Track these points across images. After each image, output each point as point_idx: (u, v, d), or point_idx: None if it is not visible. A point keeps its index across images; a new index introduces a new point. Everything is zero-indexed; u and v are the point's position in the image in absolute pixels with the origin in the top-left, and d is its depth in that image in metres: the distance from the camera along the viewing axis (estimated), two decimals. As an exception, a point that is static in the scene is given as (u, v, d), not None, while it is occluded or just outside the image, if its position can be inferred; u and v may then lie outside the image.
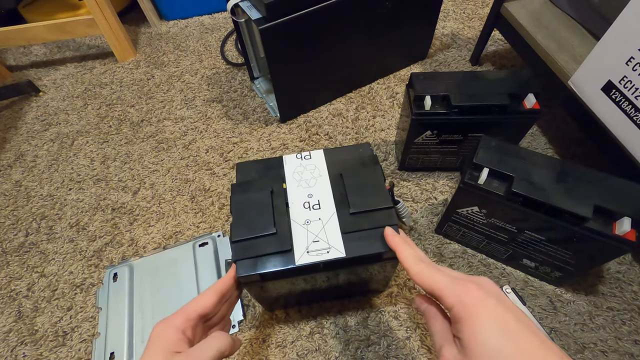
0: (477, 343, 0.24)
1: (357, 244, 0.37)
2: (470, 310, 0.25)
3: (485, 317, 0.24)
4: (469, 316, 0.25)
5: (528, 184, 0.42)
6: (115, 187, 0.70)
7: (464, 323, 0.25)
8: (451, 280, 0.27)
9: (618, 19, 0.45)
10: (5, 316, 0.56)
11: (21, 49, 1.04)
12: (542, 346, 0.23)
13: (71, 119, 0.83)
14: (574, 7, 0.64)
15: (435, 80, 0.55)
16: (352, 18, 0.65)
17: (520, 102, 0.52)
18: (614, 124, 0.49)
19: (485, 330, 0.24)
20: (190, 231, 0.63)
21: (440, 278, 0.28)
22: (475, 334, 0.24)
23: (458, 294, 0.26)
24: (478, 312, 0.25)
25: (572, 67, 0.57)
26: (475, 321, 0.25)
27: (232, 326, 0.52)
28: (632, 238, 0.39)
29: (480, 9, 0.96)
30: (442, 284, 0.27)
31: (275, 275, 0.38)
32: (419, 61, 0.85)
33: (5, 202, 0.70)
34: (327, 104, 0.79)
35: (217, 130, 0.77)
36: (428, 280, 0.28)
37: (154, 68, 0.93)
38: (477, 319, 0.25)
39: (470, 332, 0.25)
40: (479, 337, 0.24)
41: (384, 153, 0.70)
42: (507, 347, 0.23)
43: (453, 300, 0.26)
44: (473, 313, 0.25)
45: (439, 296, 0.27)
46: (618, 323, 0.49)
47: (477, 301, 0.25)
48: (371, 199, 0.40)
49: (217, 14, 1.07)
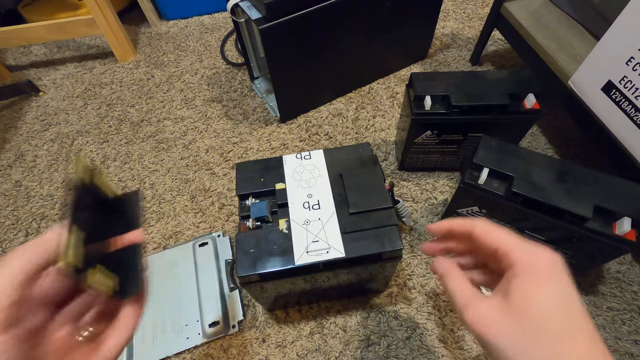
0: (531, 303, 0.22)
1: (356, 244, 0.37)
2: (538, 271, 0.23)
3: (552, 283, 0.23)
4: (533, 276, 0.23)
5: (528, 184, 0.42)
6: (115, 187, 0.70)
7: (525, 280, 0.23)
8: (522, 240, 0.25)
9: (618, 19, 0.45)
10: (5, 316, 0.56)
11: (21, 49, 1.04)
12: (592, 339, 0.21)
13: (71, 119, 0.83)
14: (574, 7, 0.64)
15: (435, 80, 0.55)
16: (352, 18, 0.65)
17: (520, 102, 0.52)
18: (614, 124, 0.49)
19: (547, 296, 0.22)
20: (190, 231, 0.62)
21: (508, 236, 0.26)
22: (535, 294, 0.23)
23: (530, 252, 0.24)
24: (545, 275, 0.23)
25: (572, 67, 0.57)
26: (539, 282, 0.23)
27: (232, 326, 0.52)
28: (632, 238, 0.39)
29: (480, 8, 0.96)
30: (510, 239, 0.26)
31: (275, 275, 0.38)
32: (419, 61, 0.85)
33: (5, 202, 0.70)
34: (327, 104, 0.79)
35: (217, 130, 0.77)
36: (496, 234, 0.27)
37: (154, 68, 0.92)
38: (543, 281, 0.23)
39: (529, 290, 0.23)
40: (537, 298, 0.22)
41: (384, 153, 0.70)
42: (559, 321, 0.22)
43: (522, 255, 0.24)
44: (540, 274, 0.23)
45: (506, 250, 0.25)
46: (618, 323, 0.49)
47: (549, 266, 0.24)
48: (371, 199, 0.40)
49: (217, 13, 1.07)
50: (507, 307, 0.23)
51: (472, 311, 0.25)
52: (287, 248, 0.38)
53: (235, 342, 0.51)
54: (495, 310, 0.24)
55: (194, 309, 0.53)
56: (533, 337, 0.22)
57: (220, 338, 0.51)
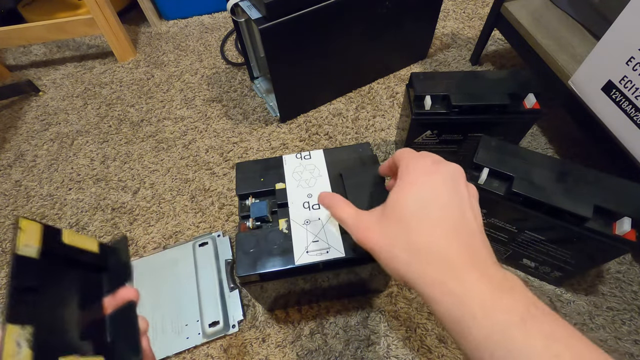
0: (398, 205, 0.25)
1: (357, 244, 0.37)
2: (409, 177, 0.26)
3: (418, 187, 0.25)
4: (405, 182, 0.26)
5: (528, 183, 0.42)
6: (115, 187, 0.70)
7: (398, 186, 0.26)
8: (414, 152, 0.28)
9: (618, 19, 0.45)
10: (5, 316, 0.56)
11: (21, 49, 1.04)
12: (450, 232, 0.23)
13: (71, 118, 0.83)
14: (574, 7, 0.64)
15: (435, 80, 0.55)
16: (352, 18, 0.65)
17: (520, 102, 0.52)
18: (614, 124, 0.49)
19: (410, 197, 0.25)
20: (190, 231, 0.62)
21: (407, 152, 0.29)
22: (402, 197, 0.25)
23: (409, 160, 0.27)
24: (413, 180, 0.26)
25: (572, 67, 0.57)
26: (406, 187, 0.26)
27: (232, 326, 0.52)
28: (632, 238, 0.39)
29: (481, 8, 0.96)
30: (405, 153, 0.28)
31: (275, 275, 0.38)
32: (419, 61, 0.85)
33: (5, 202, 0.70)
34: (327, 104, 0.79)
35: (217, 130, 0.77)
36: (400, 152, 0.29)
37: (154, 68, 0.92)
38: (410, 185, 0.25)
39: (398, 194, 0.26)
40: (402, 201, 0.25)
41: (384, 153, 0.70)
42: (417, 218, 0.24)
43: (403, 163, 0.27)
44: (409, 180, 0.26)
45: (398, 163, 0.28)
46: (618, 323, 0.49)
47: (420, 171, 0.26)
48: (371, 198, 0.40)
49: (217, 13, 1.07)
50: (382, 214, 0.26)
51: (357, 225, 0.28)
52: (287, 248, 0.37)
53: (235, 342, 0.51)
54: (373, 219, 0.27)
55: (194, 309, 0.53)
56: (395, 232, 0.25)
57: (220, 338, 0.51)
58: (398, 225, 0.25)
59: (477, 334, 0.20)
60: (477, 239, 0.24)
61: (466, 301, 0.21)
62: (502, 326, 0.20)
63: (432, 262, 0.23)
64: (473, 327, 0.20)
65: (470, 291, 0.21)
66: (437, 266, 0.22)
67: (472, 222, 0.24)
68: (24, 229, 0.21)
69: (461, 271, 0.22)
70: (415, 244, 0.24)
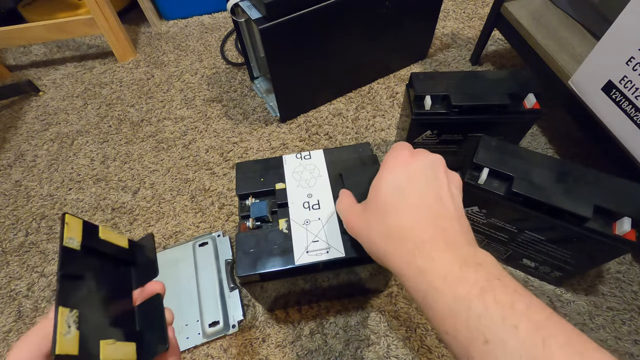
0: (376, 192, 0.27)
1: (356, 244, 0.37)
2: (385, 166, 0.28)
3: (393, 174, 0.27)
4: (382, 170, 0.28)
5: (528, 183, 0.42)
6: (115, 187, 0.70)
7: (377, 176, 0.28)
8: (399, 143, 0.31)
9: (618, 19, 0.45)
10: (5, 316, 0.56)
11: (21, 49, 1.04)
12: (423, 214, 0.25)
13: (71, 118, 0.83)
14: (574, 7, 0.64)
15: (435, 80, 0.55)
16: (352, 18, 0.65)
17: (520, 102, 0.52)
18: (614, 124, 0.49)
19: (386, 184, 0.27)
20: (190, 231, 0.62)
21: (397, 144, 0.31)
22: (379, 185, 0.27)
23: (393, 150, 0.29)
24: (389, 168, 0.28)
25: (572, 67, 0.57)
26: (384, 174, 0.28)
27: (232, 326, 0.52)
28: (632, 238, 0.39)
29: (481, 8, 0.96)
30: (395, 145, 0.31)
31: (275, 275, 0.38)
32: (419, 61, 0.85)
33: (5, 202, 0.70)
34: (327, 104, 0.79)
35: (217, 130, 0.77)
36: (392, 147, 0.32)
37: (154, 68, 0.92)
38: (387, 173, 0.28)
39: (376, 183, 0.28)
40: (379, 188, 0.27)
41: (384, 153, 0.70)
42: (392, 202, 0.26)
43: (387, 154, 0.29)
44: (385, 168, 0.28)
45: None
46: (618, 323, 0.49)
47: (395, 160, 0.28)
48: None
49: (217, 13, 1.07)
50: (365, 202, 0.29)
51: (347, 215, 0.31)
52: (287, 248, 0.37)
53: (235, 342, 0.51)
54: (359, 208, 0.30)
55: (194, 309, 0.53)
56: (374, 218, 0.27)
57: (220, 338, 0.51)
58: (376, 212, 0.27)
59: (440, 306, 0.21)
60: (454, 223, 0.25)
61: (431, 275, 0.22)
62: (463, 298, 0.20)
63: (406, 244, 0.24)
64: (437, 299, 0.21)
65: (436, 266, 0.22)
66: (410, 248, 0.24)
67: (450, 208, 0.26)
68: (68, 224, 0.23)
69: (431, 251, 0.23)
70: (390, 228, 0.25)
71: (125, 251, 0.28)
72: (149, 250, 0.29)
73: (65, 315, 0.20)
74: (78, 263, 0.23)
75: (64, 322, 0.20)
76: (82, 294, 0.22)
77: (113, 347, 0.22)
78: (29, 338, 0.21)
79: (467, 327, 0.20)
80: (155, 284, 0.28)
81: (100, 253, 0.25)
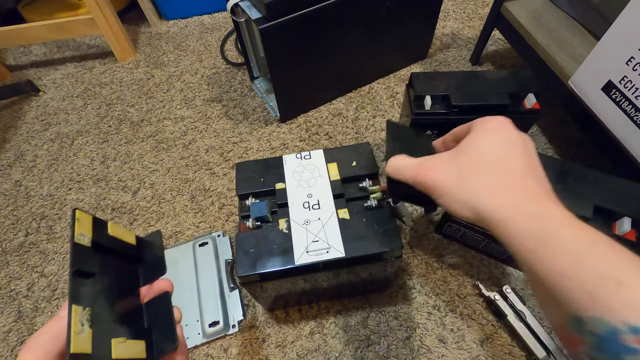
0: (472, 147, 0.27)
1: (356, 244, 0.37)
2: (486, 127, 0.28)
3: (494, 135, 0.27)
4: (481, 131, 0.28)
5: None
6: (115, 187, 0.70)
7: (473, 134, 0.28)
8: None
9: (618, 19, 0.45)
10: (5, 316, 0.56)
11: (21, 49, 1.04)
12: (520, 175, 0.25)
13: (71, 118, 0.83)
14: (574, 7, 0.64)
15: (435, 80, 0.55)
16: (352, 18, 0.65)
17: (520, 102, 0.52)
18: (614, 124, 0.49)
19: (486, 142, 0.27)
20: (190, 231, 0.62)
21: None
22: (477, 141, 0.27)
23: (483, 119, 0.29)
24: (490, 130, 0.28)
25: (572, 67, 0.57)
26: (482, 134, 0.28)
27: (232, 326, 0.52)
28: (632, 238, 0.39)
29: (481, 8, 0.96)
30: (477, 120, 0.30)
31: (275, 275, 0.38)
32: (419, 61, 0.85)
33: (5, 202, 0.70)
34: (327, 104, 0.79)
35: (217, 130, 0.77)
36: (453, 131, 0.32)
37: (154, 68, 0.92)
38: (486, 133, 0.27)
39: (473, 139, 0.28)
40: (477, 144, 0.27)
41: (384, 153, 0.70)
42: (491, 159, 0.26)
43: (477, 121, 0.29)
44: (486, 129, 0.28)
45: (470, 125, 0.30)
46: (618, 323, 0.49)
47: (497, 125, 0.28)
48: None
49: (217, 13, 1.07)
50: (453, 156, 0.28)
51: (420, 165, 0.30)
52: (287, 248, 0.38)
53: (235, 342, 0.51)
54: (438, 160, 0.29)
55: (194, 309, 0.53)
56: (470, 170, 0.27)
57: (220, 338, 0.51)
58: (473, 165, 0.27)
59: (560, 245, 0.21)
60: (547, 183, 0.26)
61: (547, 219, 0.23)
62: (583, 239, 0.21)
63: (514, 192, 0.25)
64: (557, 239, 0.22)
65: (552, 212, 0.23)
66: (520, 195, 0.24)
67: (543, 172, 0.27)
68: (79, 220, 0.23)
69: (540, 198, 0.24)
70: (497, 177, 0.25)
71: (133, 247, 0.27)
72: (157, 247, 0.29)
73: (79, 313, 0.20)
74: (89, 260, 0.23)
75: (78, 320, 0.20)
76: (93, 292, 0.22)
77: (124, 345, 0.22)
78: (39, 338, 0.21)
79: (594, 267, 0.20)
80: (163, 282, 0.27)
81: (109, 249, 0.25)
